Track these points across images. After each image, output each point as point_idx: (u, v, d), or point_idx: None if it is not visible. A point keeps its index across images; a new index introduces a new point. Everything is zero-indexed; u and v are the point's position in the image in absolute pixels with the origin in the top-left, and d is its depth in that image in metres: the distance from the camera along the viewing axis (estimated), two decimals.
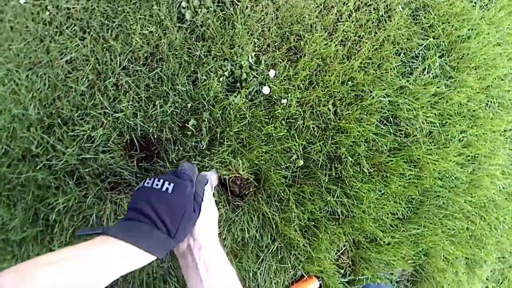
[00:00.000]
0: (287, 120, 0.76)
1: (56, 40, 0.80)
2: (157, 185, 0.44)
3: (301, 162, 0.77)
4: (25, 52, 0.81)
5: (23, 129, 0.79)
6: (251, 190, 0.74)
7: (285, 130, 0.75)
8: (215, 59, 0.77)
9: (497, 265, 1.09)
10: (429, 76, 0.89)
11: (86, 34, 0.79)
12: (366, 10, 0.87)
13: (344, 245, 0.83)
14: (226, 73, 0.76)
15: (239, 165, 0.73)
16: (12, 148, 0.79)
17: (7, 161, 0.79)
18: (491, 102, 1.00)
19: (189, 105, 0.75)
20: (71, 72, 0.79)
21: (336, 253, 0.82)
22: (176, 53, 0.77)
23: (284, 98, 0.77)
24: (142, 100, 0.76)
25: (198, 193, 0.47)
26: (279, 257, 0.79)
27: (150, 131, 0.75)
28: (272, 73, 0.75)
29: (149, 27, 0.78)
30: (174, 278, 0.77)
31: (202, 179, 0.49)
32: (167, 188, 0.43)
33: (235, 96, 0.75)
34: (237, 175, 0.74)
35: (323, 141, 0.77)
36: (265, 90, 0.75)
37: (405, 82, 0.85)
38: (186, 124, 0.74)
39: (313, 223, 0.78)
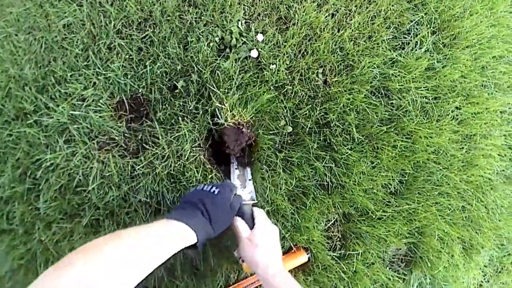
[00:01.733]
0: (276, 85, 0.73)
1: (55, 5, 0.79)
2: (207, 188, 0.56)
3: (289, 129, 0.73)
4: (25, 17, 0.80)
5: (18, 88, 0.77)
6: (253, 141, 0.70)
7: (274, 95, 0.72)
8: (206, 25, 0.76)
9: (495, 251, 1.01)
10: (421, 51, 0.85)
11: (83, 0, 0.79)
12: None
13: (334, 217, 0.77)
14: (216, 38, 0.74)
15: (246, 110, 0.68)
16: (7, 108, 0.78)
17: (1, 119, 0.77)
18: (486, 82, 0.95)
19: (178, 67, 0.73)
20: (67, 36, 0.78)
21: (325, 224, 0.77)
22: (169, 18, 0.75)
23: (273, 64, 0.74)
24: (133, 62, 0.74)
25: (234, 202, 0.58)
26: None
27: (140, 91, 0.73)
28: (260, 37, 0.73)
29: None
30: None
31: (238, 198, 0.61)
32: (213, 191, 0.56)
33: (225, 61, 0.73)
34: (242, 123, 0.69)
35: (311, 107, 0.74)
36: (254, 53, 0.72)
37: (396, 55, 0.82)
38: (175, 83, 0.71)
39: (301, 190, 0.73)
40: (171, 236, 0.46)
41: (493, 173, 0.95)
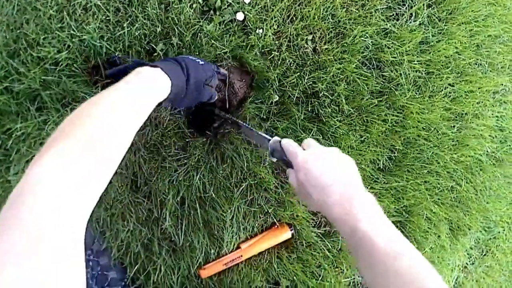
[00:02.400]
0: (262, 51, 0.67)
1: None
2: (192, 58, 0.55)
3: (276, 97, 0.67)
4: None
5: None
6: (247, 93, 0.63)
7: (260, 61, 0.65)
8: None
9: (481, 234, 0.97)
10: (415, 24, 0.79)
11: None
12: None
13: None
14: (200, 0, 0.67)
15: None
16: None
17: None
18: (480, 60, 0.89)
19: (158, 29, 0.66)
20: None
21: None
22: None
23: (259, 28, 0.67)
24: (110, 23, 0.67)
25: (212, 81, 0.56)
26: (249, 198, 0.68)
27: (116, 55, 0.66)
28: None
29: None
30: (133, 214, 0.67)
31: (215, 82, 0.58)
32: (199, 61, 0.54)
33: (208, 24, 0.66)
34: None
35: (299, 75, 0.67)
36: (239, 16, 0.65)
37: (390, 26, 0.75)
38: (154, 46, 0.64)
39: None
40: (154, 83, 0.43)
41: (483, 154, 0.90)
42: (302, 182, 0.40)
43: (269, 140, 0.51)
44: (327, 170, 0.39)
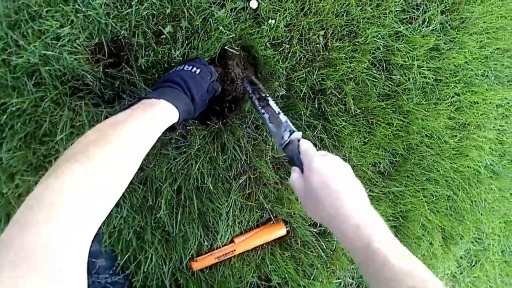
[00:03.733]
0: (272, 42, 0.63)
1: None
2: (187, 68, 0.52)
3: (283, 91, 0.64)
4: None
5: None
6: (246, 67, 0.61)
7: (270, 52, 0.62)
8: None
9: (472, 245, 0.96)
10: (428, 29, 0.76)
11: None
12: None
13: None
14: None
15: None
16: None
17: None
18: (488, 72, 0.87)
19: (167, 10, 0.61)
20: None
21: None
22: None
23: (272, 18, 0.63)
24: (117, 0, 0.63)
25: (213, 85, 0.54)
26: (247, 192, 0.65)
27: (122, 34, 0.62)
28: None
29: None
30: (127, 201, 0.63)
31: (217, 85, 0.57)
32: (195, 71, 0.51)
33: (219, 9, 0.62)
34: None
35: (308, 70, 0.64)
36: (253, 4, 0.61)
37: (403, 29, 0.72)
38: (162, 28, 0.60)
39: (287, 159, 0.65)
40: (159, 117, 0.41)
41: (482, 166, 0.88)
42: (315, 188, 0.38)
43: (293, 131, 0.47)
44: (342, 181, 0.38)
